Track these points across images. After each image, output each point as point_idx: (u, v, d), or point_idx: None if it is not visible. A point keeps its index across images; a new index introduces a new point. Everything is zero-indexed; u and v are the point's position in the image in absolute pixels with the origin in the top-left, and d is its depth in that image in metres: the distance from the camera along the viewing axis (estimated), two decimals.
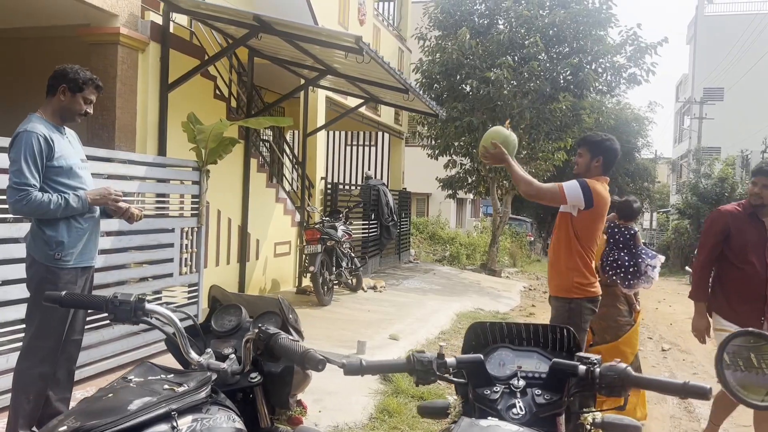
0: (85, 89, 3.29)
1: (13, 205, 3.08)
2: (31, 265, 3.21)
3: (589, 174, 3.75)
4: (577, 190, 3.59)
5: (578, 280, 3.69)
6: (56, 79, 3.26)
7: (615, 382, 1.60)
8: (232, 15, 6.45)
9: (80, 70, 3.29)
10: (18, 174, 3.06)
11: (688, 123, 35.99)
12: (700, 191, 22.63)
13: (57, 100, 3.27)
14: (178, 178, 5.82)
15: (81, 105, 3.32)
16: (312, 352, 1.59)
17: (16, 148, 3.12)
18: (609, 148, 3.78)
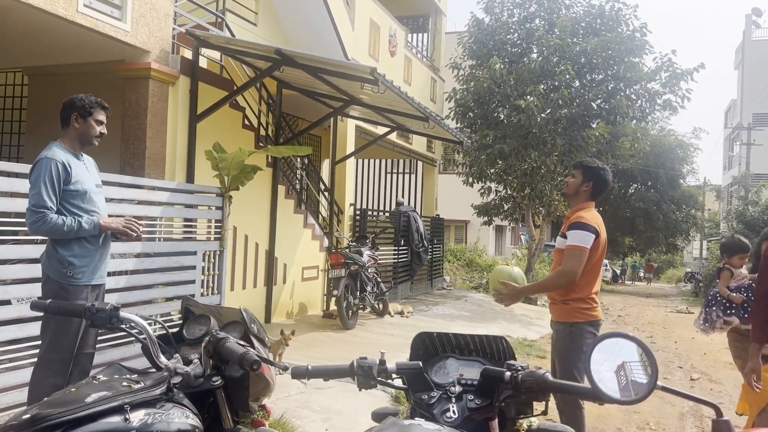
0: (93, 112, 3.56)
1: (30, 226, 3.37)
2: (45, 283, 3.47)
3: (578, 196, 3.84)
4: (586, 235, 3.65)
5: (579, 304, 3.75)
6: (66, 110, 3.54)
7: (533, 387, 1.71)
8: (256, 49, 6.79)
9: (85, 97, 3.56)
10: (36, 197, 3.35)
11: (737, 149, 35.07)
12: (747, 219, 21.95)
13: (72, 129, 3.55)
14: (202, 203, 6.12)
15: (95, 128, 3.59)
16: (250, 353, 1.75)
17: (36, 173, 3.40)
18: (600, 177, 3.85)
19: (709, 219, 34.95)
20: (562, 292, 3.80)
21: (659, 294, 28.18)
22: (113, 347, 4.78)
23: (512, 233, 30.95)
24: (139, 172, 6.35)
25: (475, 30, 15.87)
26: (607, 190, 3.90)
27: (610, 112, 14.22)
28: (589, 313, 3.78)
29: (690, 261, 47.34)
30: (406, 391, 1.95)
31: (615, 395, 1.41)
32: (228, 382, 2.03)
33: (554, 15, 15.37)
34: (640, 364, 1.56)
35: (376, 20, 12.40)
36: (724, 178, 39.82)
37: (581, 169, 3.90)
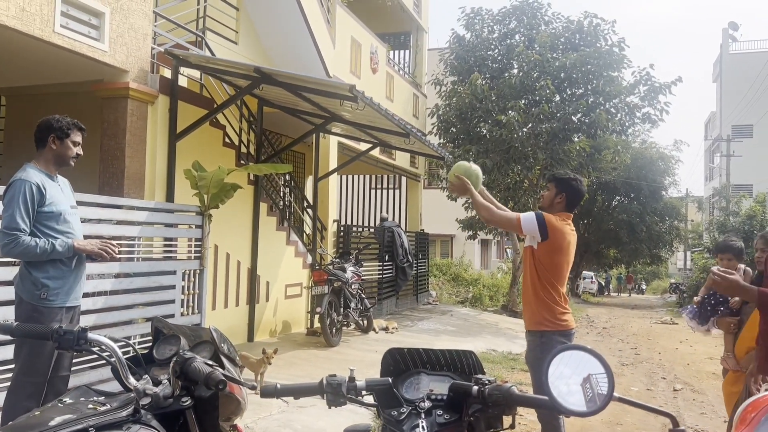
0: (70, 133, 3.54)
1: (3, 248, 3.35)
2: (19, 305, 3.44)
3: (552, 209, 3.88)
4: (533, 222, 3.72)
5: (547, 313, 3.77)
6: (43, 131, 3.51)
7: (500, 401, 1.72)
8: (235, 68, 6.81)
9: (62, 118, 3.55)
10: (9, 219, 3.32)
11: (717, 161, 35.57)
12: (728, 229, 22.21)
13: (49, 150, 3.52)
14: (182, 222, 6.09)
15: (71, 149, 3.57)
16: (215, 373, 1.75)
17: (9, 194, 3.38)
18: (574, 188, 3.91)
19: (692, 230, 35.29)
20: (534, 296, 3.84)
21: (644, 305, 28.35)
22: (91, 369, 4.73)
23: (497, 247, 31.06)
24: (118, 192, 6.32)
25: (457, 46, 16.03)
26: (582, 201, 3.95)
27: (591, 126, 14.38)
28: (558, 323, 3.80)
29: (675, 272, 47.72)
30: (376, 408, 1.95)
31: (573, 407, 1.42)
32: (197, 402, 2.02)
33: (534, 31, 15.58)
34: (605, 376, 1.57)
35: (357, 38, 12.49)
36: (706, 189, 40.32)
37: (554, 182, 3.96)
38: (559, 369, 1.49)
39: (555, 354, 1.50)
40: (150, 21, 6.73)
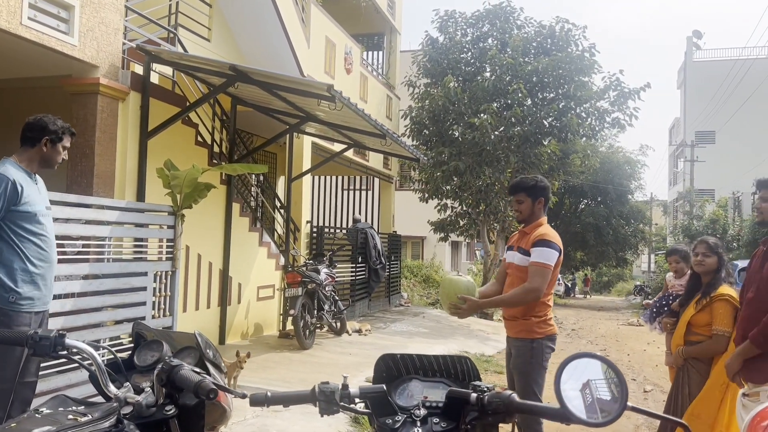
0: (63, 138, 3.53)
1: None
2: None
3: (534, 216, 3.85)
4: (551, 254, 3.68)
5: (539, 321, 3.77)
6: (37, 131, 3.45)
7: (500, 408, 1.67)
8: (210, 65, 6.68)
9: (57, 120, 3.51)
10: None
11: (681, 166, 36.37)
12: (692, 233, 22.70)
13: (39, 150, 3.46)
14: (153, 222, 5.93)
15: (60, 154, 3.55)
16: (206, 382, 1.67)
17: None
18: (545, 188, 3.90)
19: (656, 233, 36.00)
20: (524, 309, 3.81)
21: (610, 307, 28.79)
22: (58, 374, 4.55)
23: (468, 249, 31.22)
24: (87, 191, 6.13)
25: (430, 49, 16.05)
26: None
27: (562, 130, 14.53)
28: (548, 329, 3.81)
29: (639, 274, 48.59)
30: (369, 416, 1.89)
31: (585, 417, 1.39)
32: (182, 411, 1.93)
33: (506, 35, 15.68)
34: (605, 383, 1.54)
35: (331, 38, 12.41)
36: (670, 193, 41.19)
37: (525, 191, 3.88)
38: (571, 377, 1.45)
39: (566, 362, 1.46)
40: (121, 15, 6.56)
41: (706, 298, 3.96)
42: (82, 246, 5.09)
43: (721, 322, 3.85)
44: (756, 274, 3.27)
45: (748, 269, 3.42)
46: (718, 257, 4.04)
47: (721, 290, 3.92)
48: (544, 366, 3.81)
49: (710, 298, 3.93)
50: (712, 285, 3.99)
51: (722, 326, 3.84)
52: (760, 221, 3.42)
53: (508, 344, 4.06)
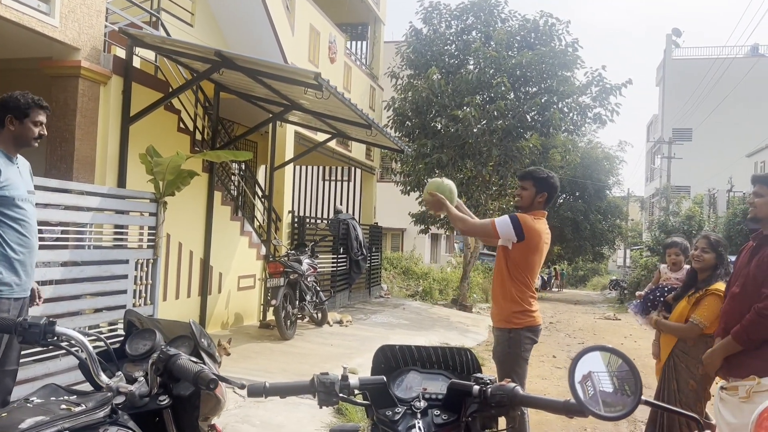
0: (30, 113, 3.30)
1: None
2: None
3: (532, 207, 3.87)
4: (508, 225, 3.71)
5: (516, 310, 3.77)
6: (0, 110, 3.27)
7: (504, 401, 1.66)
8: (195, 50, 6.56)
9: (21, 96, 3.30)
10: None
11: (658, 162, 36.84)
12: (669, 229, 23.02)
13: (7, 131, 3.29)
14: (135, 209, 5.83)
15: (32, 129, 3.33)
16: (205, 372, 1.63)
17: None
18: (553, 186, 3.92)
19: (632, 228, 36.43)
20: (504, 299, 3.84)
21: (586, 301, 29.11)
22: (36, 362, 4.45)
23: (447, 241, 31.32)
24: (67, 176, 6.00)
25: (414, 40, 15.98)
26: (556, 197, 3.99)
27: (544, 124, 14.58)
28: (527, 319, 3.81)
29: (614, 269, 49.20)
30: (368, 408, 1.86)
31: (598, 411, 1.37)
32: (176, 401, 1.90)
33: (490, 28, 15.67)
34: (607, 375, 1.53)
35: (316, 26, 12.29)
36: (647, 189, 41.72)
37: (532, 180, 3.91)
38: (584, 371, 1.43)
39: (580, 355, 1.44)
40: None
41: (700, 292, 3.97)
42: (61, 232, 4.98)
43: (701, 314, 3.86)
44: (743, 269, 3.28)
45: (736, 264, 3.43)
46: (717, 254, 4.01)
47: (716, 286, 3.91)
48: (524, 357, 3.83)
49: (705, 291, 3.94)
50: (707, 281, 3.98)
51: (701, 317, 3.86)
52: (752, 217, 3.40)
53: (492, 334, 4.11)
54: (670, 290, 4.54)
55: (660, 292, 4.63)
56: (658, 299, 4.57)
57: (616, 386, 1.51)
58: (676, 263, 4.89)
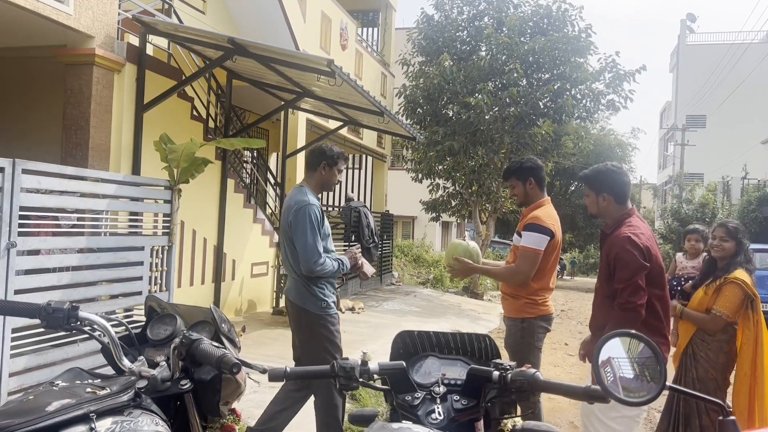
0: (338, 162, 3.79)
1: (311, 267, 3.57)
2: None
3: (530, 198, 3.86)
4: (538, 237, 3.65)
5: (529, 301, 3.76)
6: (316, 156, 3.76)
7: (524, 386, 1.66)
8: (207, 38, 6.56)
9: (333, 148, 3.82)
10: (312, 245, 3.56)
11: (671, 149, 36.51)
12: (682, 216, 22.87)
13: (318, 175, 3.76)
14: (150, 197, 5.86)
15: (336, 176, 3.83)
16: (228, 356, 1.64)
17: (302, 219, 3.57)
18: (532, 167, 3.88)
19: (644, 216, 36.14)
20: (515, 289, 3.83)
21: None
22: (55, 347, 4.51)
23: (458, 229, 31.28)
24: (82, 163, 6.04)
25: (425, 26, 15.87)
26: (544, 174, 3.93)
27: (557, 111, 14.48)
28: (539, 309, 3.79)
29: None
30: (387, 392, 1.88)
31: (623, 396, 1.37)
32: (197, 385, 1.92)
33: (503, 13, 15.54)
34: (627, 361, 1.51)
35: (327, 13, 12.24)
36: (660, 176, 41.39)
37: (514, 176, 3.92)
38: (608, 356, 1.43)
39: (604, 341, 1.44)
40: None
41: (719, 280, 3.93)
42: (77, 219, 5.02)
43: (723, 305, 3.84)
44: (600, 263, 3.29)
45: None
46: (737, 242, 3.96)
47: (736, 274, 3.87)
48: (537, 346, 3.82)
49: (724, 279, 3.90)
50: (725, 269, 3.94)
51: (723, 308, 3.83)
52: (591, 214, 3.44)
53: (504, 323, 4.10)
54: (687, 279, 4.52)
55: (677, 281, 4.61)
56: (675, 289, 4.54)
57: (638, 372, 1.51)
58: (695, 250, 4.85)
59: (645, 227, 3.17)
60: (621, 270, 3.03)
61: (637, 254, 3.01)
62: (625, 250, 3.03)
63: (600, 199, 3.22)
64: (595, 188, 3.24)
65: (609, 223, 3.24)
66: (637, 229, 3.10)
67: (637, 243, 3.03)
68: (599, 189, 3.23)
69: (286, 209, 3.71)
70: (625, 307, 2.99)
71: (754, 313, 3.85)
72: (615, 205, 3.21)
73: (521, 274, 3.67)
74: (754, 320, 3.84)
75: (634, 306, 2.97)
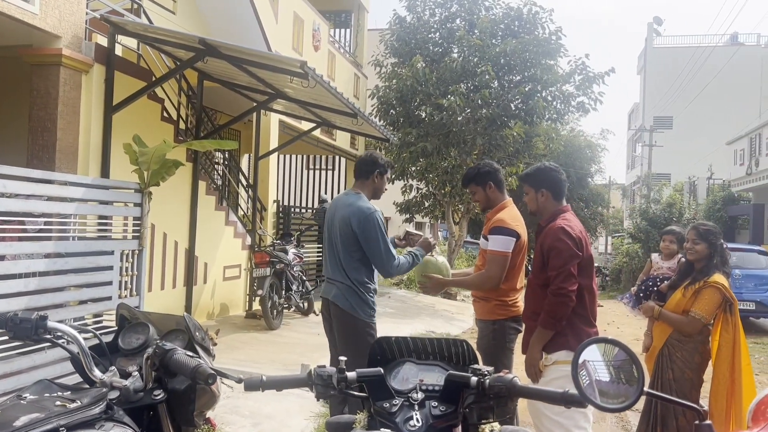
0: (388, 171, 3.98)
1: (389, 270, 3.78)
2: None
3: (492, 202, 3.90)
4: (503, 239, 3.67)
5: (499, 301, 3.77)
6: (370, 165, 3.90)
7: (502, 392, 1.66)
8: (178, 38, 6.47)
9: (383, 156, 4.02)
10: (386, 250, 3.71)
11: (639, 150, 37.16)
12: (650, 216, 23.27)
13: (371, 182, 3.91)
14: (119, 200, 5.75)
15: (385, 184, 4.01)
16: (203, 366, 1.61)
17: (372, 227, 3.68)
18: (490, 171, 3.92)
19: (613, 216, 36.73)
20: (485, 291, 3.85)
21: None
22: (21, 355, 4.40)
23: (431, 230, 31.37)
24: (49, 166, 5.91)
25: (398, 28, 15.89)
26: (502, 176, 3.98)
27: (528, 113, 14.60)
28: (510, 310, 3.81)
29: (596, 256, 49.70)
30: (365, 400, 1.86)
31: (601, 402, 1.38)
32: (171, 395, 1.88)
33: (474, 16, 15.62)
34: (634, 370, 1.49)
35: (299, 14, 12.18)
36: (628, 177, 42.09)
37: (472, 182, 3.96)
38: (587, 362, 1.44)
39: (583, 347, 1.45)
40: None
41: (698, 283, 3.94)
42: (44, 223, 4.90)
43: (701, 308, 3.86)
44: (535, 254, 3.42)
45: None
46: (708, 244, 3.99)
47: (715, 278, 3.90)
48: (509, 347, 3.84)
49: (704, 282, 3.91)
50: (703, 272, 3.96)
51: (701, 311, 3.86)
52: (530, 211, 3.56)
53: (476, 325, 4.12)
54: (662, 280, 4.55)
55: (652, 282, 4.64)
56: (650, 289, 4.58)
57: (613, 375, 1.52)
58: (670, 251, 4.91)
59: (577, 222, 3.33)
60: (554, 258, 3.18)
61: (571, 244, 3.16)
62: (558, 239, 3.18)
63: (539, 195, 3.39)
64: (535, 185, 3.41)
65: (545, 217, 3.38)
66: (570, 221, 3.27)
67: (570, 233, 3.19)
68: (538, 185, 3.40)
69: (346, 217, 3.74)
70: (558, 292, 3.12)
71: (732, 316, 3.90)
72: (552, 201, 3.38)
73: (492, 278, 3.71)
74: (732, 323, 3.89)
75: (566, 292, 3.11)
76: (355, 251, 3.75)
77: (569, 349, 3.10)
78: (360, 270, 3.76)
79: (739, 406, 3.75)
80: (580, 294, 3.17)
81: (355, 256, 3.75)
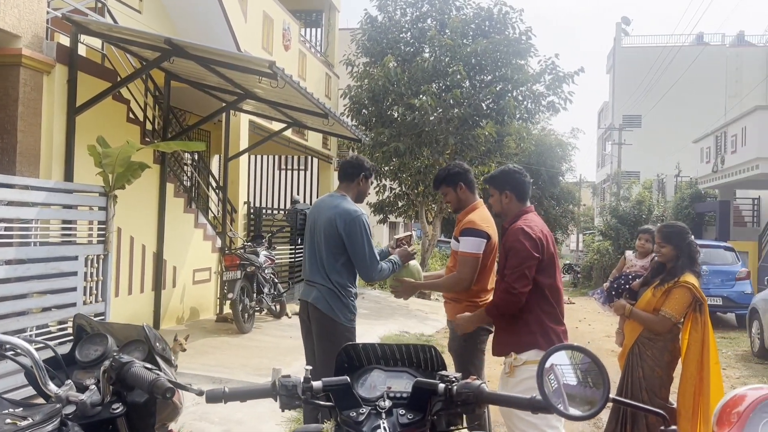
0: (372, 176, 4.01)
1: (372, 274, 3.73)
2: None
3: (463, 203, 3.90)
4: (478, 242, 3.66)
5: (470, 302, 3.76)
6: (356, 168, 3.89)
7: (470, 399, 1.64)
8: (144, 38, 6.35)
9: (367, 160, 4.03)
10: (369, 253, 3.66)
11: (609, 148, 37.67)
12: (620, 213, 23.59)
13: (356, 185, 3.89)
14: (83, 204, 5.62)
15: (369, 188, 4.04)
16: (161, 380, 1.56)
17: (358, 229, 3.64)
18: (460, 172, 3.92)
19: (584, 213, 37.17)
20: (457, 293, 3.84)
21: None
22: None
23: (405, 229, 31.43)
24: (9, 169, 5.74)
25: (369, 27, 15.85)
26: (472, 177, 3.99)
27: (499, 113, 14.68)
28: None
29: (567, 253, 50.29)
30: (331, 409, 1.82)
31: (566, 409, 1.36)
32: (130, 408, 1.81)
33: (445, 15, 15.65)
34: (600, 377, 1.47)
35: (269, 13, 12.07)
36: (599, 175, 42.64)
37: (444, 183, 3.96)
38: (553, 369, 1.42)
39: (549, 354, 1.43)
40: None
41: (668, 283, 3.97)
42: (4, 229, 4.76)
43: (671, 307, 3.90)
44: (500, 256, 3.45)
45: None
46: (674, 246, 4.03)
47: (686, 278, 3.93)
48: (480, 348, 3.84)
49: (674, 282, 3.95)
50: (672, 273, 4.00)
51: (671, 310, 3.90)
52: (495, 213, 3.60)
53: (448, 326, 4.10)
54: (635, 278, 4.59)
55: (625, 279, 4.68)
56: (622, 287, 4.61)
57: (580, 379, 1.51)
58: (645, 250, 4.95)
59: (540, 222, 3.33)
60: (512, 258, 3.19)
61: (528, 245, 3.15)
62: (517, 240, 3.18)
63: (503, 196, 3.38)
64: (499, 187, 3.40)
65: (509, 219, 3.38)
66: (531, 222, 3.26)
67: (530, 234, 3.18)
68: (502, 187, 3.39)
69: (331, 218, 3.69)
70: (509, 290, 3.14)
71: (702, 315, 3.95)
72: (516, 202, 3.37)
73: (464, 280, 3.69)
74: (701, 322, 3.94)
75: (518, 292, 3.12)
76: (339, 254, 3.70)
77: (539, 348, 3.10)
78: (342, 273, 3.71)
79: (707, 404, 3.79)
80: (543, 293, 3.19)
81: (339, 259, 3.70)
